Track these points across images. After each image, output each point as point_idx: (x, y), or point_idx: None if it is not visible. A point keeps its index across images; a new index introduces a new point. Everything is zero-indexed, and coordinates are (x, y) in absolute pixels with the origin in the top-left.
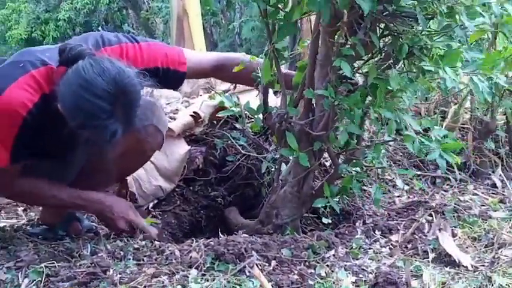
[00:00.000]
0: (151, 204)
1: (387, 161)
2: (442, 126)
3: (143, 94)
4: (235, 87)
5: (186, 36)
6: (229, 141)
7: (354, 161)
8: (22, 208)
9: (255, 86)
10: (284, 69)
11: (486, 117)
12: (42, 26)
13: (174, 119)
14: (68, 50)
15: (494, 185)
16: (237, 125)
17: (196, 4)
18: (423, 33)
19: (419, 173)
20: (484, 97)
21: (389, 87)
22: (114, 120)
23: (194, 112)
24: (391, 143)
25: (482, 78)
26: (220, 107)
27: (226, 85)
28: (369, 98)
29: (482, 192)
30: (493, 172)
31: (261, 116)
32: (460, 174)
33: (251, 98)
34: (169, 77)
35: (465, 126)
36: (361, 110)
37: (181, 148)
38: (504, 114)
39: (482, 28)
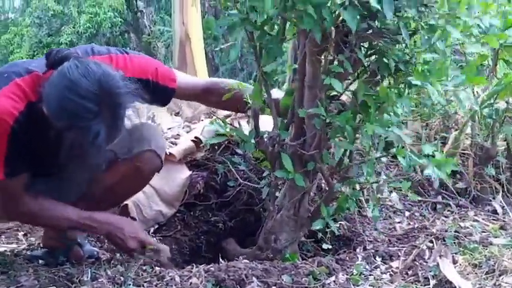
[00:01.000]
0: (151, 229)
1: (388, 187)
2: (442, 152)
3: (137, 108)
4: (236, 113)
5: (188, 61)
6: (230, 167)
7: (348, 179)
8: (23, 233)
9: (245, 111)
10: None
11: (487, 143)
12: (44, 49)
13: (176, 144)
14: (55, 53)
15: (495, 211)
16: (238, 151)
17: (199, 29)
18: (408, 48)
19: (420, 198)
20: (464, 107)
21: (378, 104)
22: (99, 121)
23: (195, 137)
24: (392, 169)
25: (467, 90)
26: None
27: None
28: (360, 116)
29: (483, 219)
30: (494, 198)
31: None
32: (460, 200)
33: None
34: (158, 91)
35: (466, 152)
36: (353, 127)
37: (182, 173)
38: (505, 140)
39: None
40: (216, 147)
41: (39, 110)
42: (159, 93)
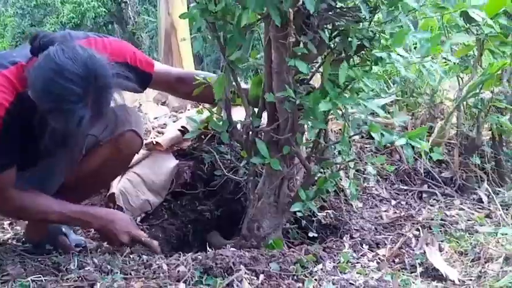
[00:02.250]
0: (138, 219)
1: (374, 176)
2: (428, 142)
3: (120, 92)
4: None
5: (174, 51)
6: (217, 156)
7: (325, 161)
8: (8, 222)
9: (217, 102)
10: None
11: (472, 132)
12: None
13: (162, 134)
14: (40, 37)
15: (480, 200)
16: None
17: (185, 20)
18: (370, 25)
19: (405, 187)
20: (433, 80)
21: (346, 82)
22: (83, 104)
23: (182, 126)
24: (380, 158)
25: (433, 61)
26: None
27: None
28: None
29: (469, 207)
30: (479, 187)
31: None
32: (446, 189)
33: (240, 113)
34: (136, 75)
35: (451, 141)
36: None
37: (169, 162)
38: (490, 130)
39: (469, 45)
40: (203, 136)
41: (28, 100)
42: (137, 77)
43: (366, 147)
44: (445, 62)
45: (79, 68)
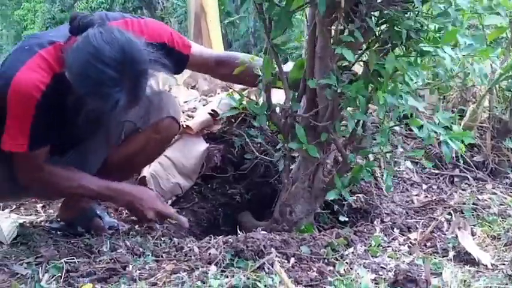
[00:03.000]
0: (169, 202)
1: (405, 159)
2: (460, 125)
3: (157, 78)
4: (250, 87)
5: (204, 34)
6: (247, 139)
7: (362, 149)
8: (41, 205)
9: (256, 84)
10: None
11: (505, 116)
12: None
13: (192, 117)
14: (79, 19)
15: None
16: (255, 123)
17: (214, 1)
18: (419, 16)
19: (437, 171)
20: (482, 81)
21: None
22: (120, 89)
23: (212, 110)
24: (409, 142)
25: (478, 61)
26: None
27: None
28: (372, 86)
29: (501, 191)
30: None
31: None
32: (478, 173)
33: (276, 96)
34: (173, 56)
35: (483, 125)
36: (365, 97)
37: (200, 146)
38: None
39: (501, 27)
40: (233, 120)
41: (64, 81)
42: (174, 58)
43: (397, 131)
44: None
45: (116, 53)
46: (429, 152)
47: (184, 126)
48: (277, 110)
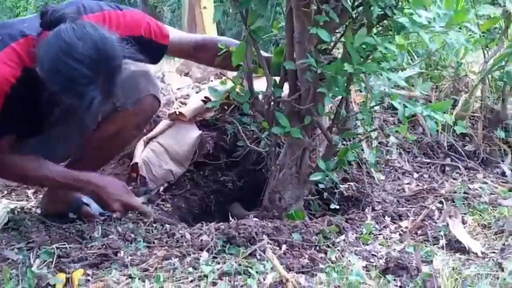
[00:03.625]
0: (161, 188)
1: (397, 149)
2: (452, 115)
3: (131, 64)
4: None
5: (198, 23)
6: (240, 127)
7: (347, 131)
8: (32, 190)
9: (238, 71)
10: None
11: (497, 106)
12: None
13: (185, 104)
14: (51, 13)
15: (503, 174)
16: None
17: None
18: None
19: (428, 160)
20: (457, 51)
21: (367, 51)
22: (94, 87)
23: (205, 97)
24: (402, 128)
25: (456, 32)
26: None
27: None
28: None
29: (492, 181)
30: (503, 161)
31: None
32: (469, 162)
33: (262, 84)
34: (151, 47)
35: (475, 114)
36: (344, 76)
37: (192, 132)
38: None
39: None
40: (226, 107)
41: (34, 74)
42: (152, 49)
43: (389, 120)
44: (471, 35)
45: (89, 49)
46: (421, 141)
47: (177, 113)
48: (260, 97)
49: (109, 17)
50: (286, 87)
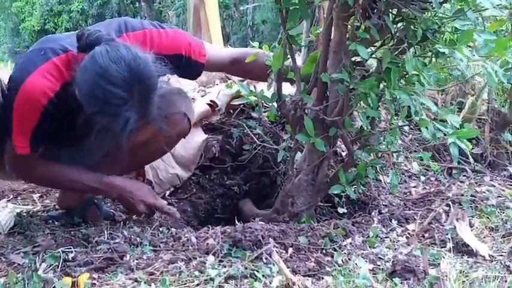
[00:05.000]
0: (167, 192)
1: (403, 151)
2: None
3: (164, 82)
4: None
5: (203, 27)
6: (246, 130)
7: (369, 147)
8: (38, 195)
9: (267, 74)
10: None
11: (504, 108)
12: (55, 17)
13: None
14: (86, 36)
15: (511, 177)
16: (254, 114)
17: None
18: (436, 16)
19: (435, 163)
20: (496, 82)
21: (403, 72)
22: (129, 107)
23: (211, 101)
24: (408, 133)
25: (494, 62)
26: (237, 96)
27: None
28: (383, 84)
29: (499, 184)
30: (510, 164)
31: (275, 104)
32: (476, 165)
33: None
34: (190, 66)
35: (482, 117)
36: (377, 94)
37: (198, 136)
38: None
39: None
40: (231, 110)
41: (73, 90)
42: (191, 68)
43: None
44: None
45: (123, 71)
46: (428, 145)
47: None
48: (287, 101)
49: (150, 35)
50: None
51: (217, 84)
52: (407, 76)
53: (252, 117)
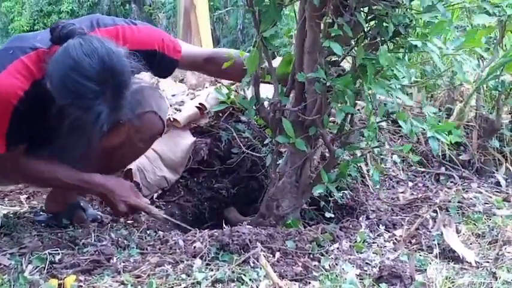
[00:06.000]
0: (155, 195)
1: (391, 154)
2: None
3: (142, 81)
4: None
5: (193, 29)
6: (235, 134)
7: (350, 145)
8: (25, 196)
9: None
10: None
11: (491, 115)
12: (44, 18)
13: (180, 111)
14: (60, 29)
15: (498, 184)
16: (243, 118)
17: None
18: (408, 11)
19: (423, 169)
20: (466, 78)
21: (378, 67)
22: (101, 101)
23: (200, 104)
24: (397, 141)
25: (467, 56)
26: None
27: None
28: (360, 81)
29: (486, 190)
30: (497, 170)
31: (254, 107)
32: (464, 172)
33: (265, 90)
34: (163, 62)
35: (470, 124)
36: (353, 91)
37: (187, 139)
38: (510, 113)
39: (490, 26)
40: (220, 114)
41: (44, 87)
42: (164, 64)
43: (383, 128)
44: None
45: (96, 65)
46: (416, 150)
47: (172, 119)
48: (266, 104)
49: (122, 31)
50: (291, 95)
51: (206, 87)
52: (382, 72)
53: (241, 121)
